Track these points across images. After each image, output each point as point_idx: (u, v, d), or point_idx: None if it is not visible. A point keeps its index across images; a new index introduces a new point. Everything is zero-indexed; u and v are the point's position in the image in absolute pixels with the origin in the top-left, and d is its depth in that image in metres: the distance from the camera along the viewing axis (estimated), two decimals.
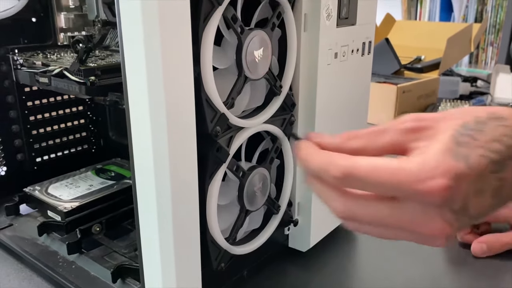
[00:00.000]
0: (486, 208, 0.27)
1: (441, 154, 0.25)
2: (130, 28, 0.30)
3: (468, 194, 0.25)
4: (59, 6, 0.61)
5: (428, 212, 0.26)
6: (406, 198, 0.26)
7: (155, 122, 0.30)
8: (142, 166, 0.32)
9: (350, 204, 0.28)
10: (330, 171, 0.27)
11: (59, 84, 0.50)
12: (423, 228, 0.26)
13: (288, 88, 0.42)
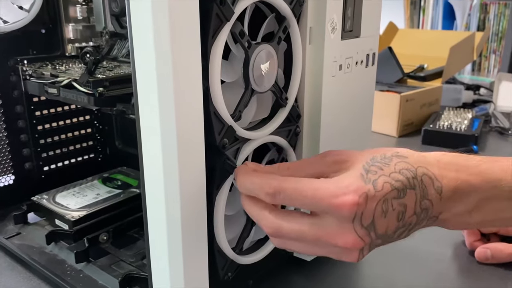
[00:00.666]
0: (393, 229, 0.32)
1: (353, 178, 0.31)
2: (141, 43, 0.30)
3: (375, 212, 0.31)
4: (67, 18, 0.62)
5: (342, 226, 0.31)
6: (324, 213, 0.31)
7: (165, 134, 0.31)
8: (152, 176, 0.33)
9: (278, 220, 0.33)
10: (263, 189, 0.32)
11: (67, 95, 0.51)
12: (338, 240, 0.31)
13: (294, 100, 0.43)
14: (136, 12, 0.30)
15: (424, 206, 0.32)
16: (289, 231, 0.32)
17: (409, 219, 0.32)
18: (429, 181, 0.32)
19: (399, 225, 0.32)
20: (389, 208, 0.31)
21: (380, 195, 0.31)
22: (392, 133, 1.01)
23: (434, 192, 0.32)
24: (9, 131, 0.60)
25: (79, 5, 0.62)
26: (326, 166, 0.35)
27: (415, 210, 0.32)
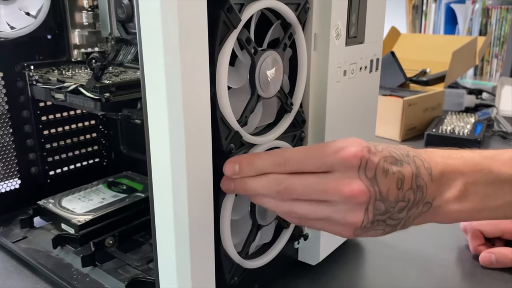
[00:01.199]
0: (394, 196, 0.33)
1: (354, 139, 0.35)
2: (151, 50, 0.31)
3: (377, 167, 0.33)
4: (73, 23, 0.63)
5: (349, 176, 0.33)
6: (332, 168, 0.34)
7: (174, 139, 0.32)
8: (160, 180, 0.34)
9: (288, 176, 0.34)
10: (274, 161, 0.35)
11: (74, 100, 0.52)
12: (345, 188, 0.33)
13: (299, 105, 0.43)
14: (146, 20, 0.31)
15: (419, 183, 0.34)
16: (297, 185, 0.34)
17: (407, 192, 0.34)
18: (420, 162, 0.35)
19: (399, 195, 0.34)
20: (389, 169, 0.34)
21: (380, 154, 0.34)
22: (395, 138, 1.02)
23: (425, 172, 0.35)
24: (15, 136, 0.60)
25: (85, 11, 0.63)
26: None
27: (411, 185, 0.34)
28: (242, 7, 0.35)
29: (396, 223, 0.35)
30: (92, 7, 0.63)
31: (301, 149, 0.36)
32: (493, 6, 1.79)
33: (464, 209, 0.35)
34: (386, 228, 0.35)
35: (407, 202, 0.34)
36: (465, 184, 0.35)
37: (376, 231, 0.35)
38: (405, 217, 0.35)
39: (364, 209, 0.33)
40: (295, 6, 0.40)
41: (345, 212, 0.34)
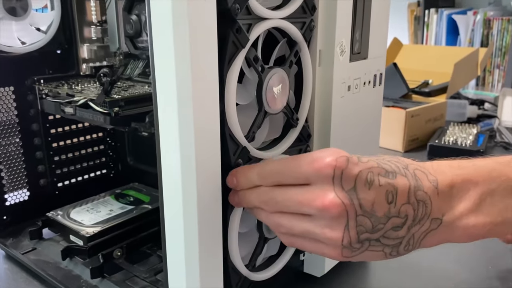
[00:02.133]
0: (383, 210, 0.31)
1: (334, 149, 0.33)
2: (163, 70, 0.32)
3: (357, 179, 0.31)
4: (82, 38, 0.64)
5: (323, 188, 0.31)
6: (308, 181, 0.32)
7: (184, 154, 0.33)
8: (170, 193, 0.35)
9: (271, 190, 0.34)
10: (262, 170, 0.35)
11: (84, 114, 0.53)
12: (317, 201, 0.31)
13: (304, 120, 0.44)
14: (159, 40, 0.32)
15: (420, 198, 0.31)
16: (278, 197, 0.33)
17: (403, 207, 0.31)
18: (422, 175, 0.32)
19: (391, 209, 0.31)
20: (375, 180, 0.31)
21: (364, 165, 0.31)
22: (398, 148, 1.02)
23: (429, 184, 0.32)
24: (25, 149, 0.61)
25: (94, 26, 0.65)
26: None
27: (409, 199, 0.31)
28: (250, 27, 0.36)
29: (396, 243, 0.32)
30: (100, 22, 0.65)
31: (281, 161, 0.34)
32: (494, 17, 1.80)
33: (482, 224, 0.32)
34: (386, 249, 0.32)
35: (403, 219, 0.31)
36: (480, 195, 0.32)
37: (373, 253, 0.32)
38: (407, 235, 0.32)
39: (343, 225, 0.31)
40: (301, 25, 0.41)
41: (324, 227, 0.32)
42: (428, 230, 0.32)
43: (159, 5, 0.31)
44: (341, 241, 0.31)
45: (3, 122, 0.59)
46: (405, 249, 0.33)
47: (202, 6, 0.31)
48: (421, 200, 0.32)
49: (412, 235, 0.32)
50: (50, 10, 0.60)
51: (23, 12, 0.57)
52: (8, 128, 0.59)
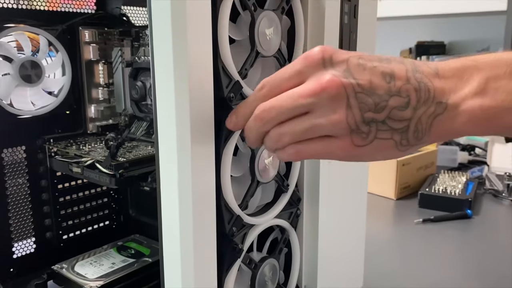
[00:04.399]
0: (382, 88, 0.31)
1: None
2: (167, 146, 0.36)
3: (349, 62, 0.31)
4: (90, 99, 0.69)
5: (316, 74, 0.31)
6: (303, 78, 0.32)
7: (183, 228, 0.36)
8: (171, 261, 0.38)
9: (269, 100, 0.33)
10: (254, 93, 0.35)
11: (90, 174, 0.57)
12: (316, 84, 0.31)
13: (294, 185, 0.48)
14: (162, 123, 0.36)
15: (419, 79, 0.31)
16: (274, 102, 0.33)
17: (404, 87, 0.31)
18: (419, 63, 0.32)
19: (392, 88, 0.31)
20: (367, 64, 0.31)
21: (353, 53, 0.32)
22: (390, 196, 1.06)
23: (428, 68, 0.31)
24: (33, 204, 0.65)
25: (101, 88, 0.69)
26: None
27: (408, 80, 0.31)
28: None
29: (404, 127, 0.31)
30: (107, 84, 0.70)
31: (275, 73, 0.34)
32: None
33: (487, 106, 0.30)
34: (395, 136, 0.31)
35: (406, 98, 0.31)
36: (484, 79, 0.30)
37: (384, 143, 0.31)
38: (413, 118, 0.31)
39: (345, 103, 0.31)
40: None
41: (326, 113, 0.31)
42: (434, 114, 0.31)
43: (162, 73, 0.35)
44: (346, 121, 0.31)
45: (14, 179, 0.63)
46: (415, 136, 0.31)
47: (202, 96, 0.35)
48: (422, 82, 0.31)
49: (418, 118, 0.31)
50: (61, 75, 0.65)
51: (37, 79, 0.61)
52: (18, 184, 0.63)
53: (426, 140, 0.32)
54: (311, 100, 0.31)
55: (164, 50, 0.35)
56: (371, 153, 0.32)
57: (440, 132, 0.31)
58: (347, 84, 0.31)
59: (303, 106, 0.32)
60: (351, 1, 0.49)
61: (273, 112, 0.33)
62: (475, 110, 0.30)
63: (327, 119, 0.31)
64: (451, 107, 0.30)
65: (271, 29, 0.42)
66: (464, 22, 2.01)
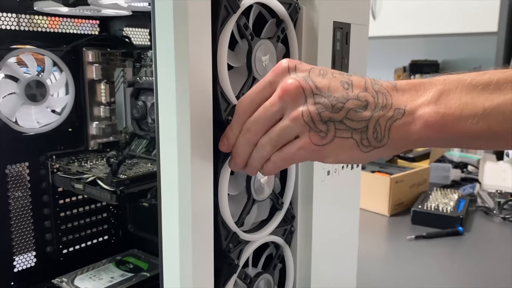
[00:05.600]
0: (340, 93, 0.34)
1: None
2: (167, 148, 0.38)
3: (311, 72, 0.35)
4: (92, 117, 0.71)
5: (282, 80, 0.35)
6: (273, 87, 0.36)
7: (183, 245, 0.38)
8: (170, 275, 0.40)
9: (247, 120, 0.37)
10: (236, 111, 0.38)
11: (92, 191, 0.59)
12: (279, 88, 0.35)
13: (289, 203, 0.50)
14: (164, 123, 0.38)
15: (377, 89, 0.34)
16: (251, 119, 0.37)
17: (361, 93, 0.34)
18: (378, 81, 0.35)
19: (349, 93, 0.34)
20: (328, 73, 0.35)
21: (317, 66, 0.36)
22: (384, 212, 1.08)
23: (387, 83, 0.35)
24: (35, 218, 0.67)
25: (103, 106, 0.72)
26: None
27: (366, 88, 0.34)
28: None
29: (363, 128, 0.34)
30: (109, 103, 0.72)
31: (251, 89, 0.38)
32: None
33: (442, 113, 0.33)
34: (355, 135, 0.34)
35: (364, 102, 0.34)
36: (438, 92, 0.33)
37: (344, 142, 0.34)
38: (371, 119, 0.34)
39: (303, 102, 0.34)
40: None
41: (289, 112, 0.35)
42: (393, 119, 0.34)
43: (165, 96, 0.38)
44: (302, 117, 0.34)
45: (17, 194, 0.65)
46: (374, 136, 0.34)
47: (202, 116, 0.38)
48: (379, 91, 0.34)
49: (377, 120, 0.34)
50: (65, 94, 0.67)
51: (42, 98, 0.64)
52: (21, 199, 0.65)
53: (388, 143, 0.34)
54: (280, 105, 0.35)
55: (167, 76, 0.37)
56: (334, 152, 0.35)
57: (399, 135, 0.34)
58: (305, 86, 0.34)
59: (274, 112, 0.36)
60: (343, 29, 0.52)
61: (253, 125, 0.37)
62: (431, 115, 0.33)
63: (289, 118, 0.35)
64: (409, 113, 0.33)
65: (267, 57, 0.44)
66: (457, 41, 2.06)
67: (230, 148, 0.39)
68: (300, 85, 0.34)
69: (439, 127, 0.33)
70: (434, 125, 0.33)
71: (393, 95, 0.34)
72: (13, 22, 0.61)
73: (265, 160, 0.38)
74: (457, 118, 0.33)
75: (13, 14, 0.61)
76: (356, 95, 0.34)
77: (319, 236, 0.53)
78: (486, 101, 0.32)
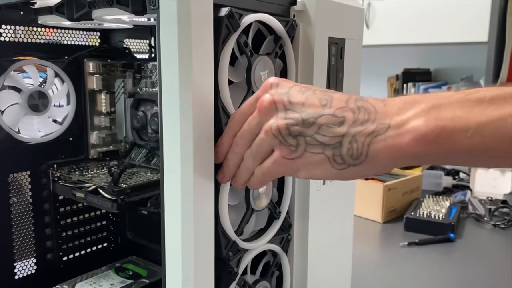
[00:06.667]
0: (316, 110, 0.34)
1: None
2: (170, 160, 0.40)
3: (291, 90, 0.36)
4: (92, 126, 0.73)
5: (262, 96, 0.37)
6: (258, 100, 0.37)
7: (185, 255, 0.40)
8: (173, 283, 0.41)
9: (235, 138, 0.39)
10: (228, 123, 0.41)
11: (93, 199, 0.60)
12: (258, 103, 0.36)
13: (286, 212, 0.52)
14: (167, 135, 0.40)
15: (360, 104, 0.33)
16: (237, 136, 0.38)
17: (340, 109, 0.33)
18: (365, 98, 0.34)
19: (325, 109, 0.34)
20: (309, 90, 0.35)
21: (301, 84, 0.37)
22: (377, 219, 1.10)
23: (375, 99, 0.34)
24: (36, 226, 0.68)
25: (103, 116, 0.73)
26: None
27: (347, 104, 0.34)
28: None
29: (336, 144, 0.33)
30: (109, 112, 0.73)
31: None
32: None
33: (432, 126, 0.31)
34: (327, 151, 0.33)
35: (340, 119, 0.33)
36: (428, 106, 0.31)
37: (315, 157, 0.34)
38: (346, 135, 0.33)
39: (273, 116, 0.35)
40: None
41: (263, 126, 0.36)
42: (374, 134, 0.32)
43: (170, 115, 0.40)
44: (270, 131, 0.35)
45: (19, 203, 0.66)
46: (349, 153, 0.33)
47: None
48: (362, 106, 0.33)
49: (353, 136, 0.33)
50: (66, 104, 0.69)
51: (44, 108, 0.65)
52: (22, 208, 0.66)
53: (367, 160, 0.33)
54: (257, 119, 0.37)
55: (171, 91, 0.39)
56: (306, 167, 0.35)
57: (383, 152, 0.32)
58: (278, 100, 0.35)
59: (254, 126, 0.37)
60: (338, 44, 0.54)
61: (239, 139, 0.38)
62: (420, 128, 0.31)
63: (262, 132, 0.36)
64: (394, 127, 0.32)
65: (266, 72, 0.46)
66: (449, 50, 2.10)
67: (221, 159, 0.41)
68: (273, 100, 0.35)
69: (430, 140, 0.31)
70: (424, 138, 0.31)
71: (379, 110, 0.33)
72: (16, 34, 0.62)
73: (250, 173, 0.39)
74: (450, 131, 0.30)
75: (17, 27, 0.62)
76: (333, 111, 0.34)
77: (315, 244, 0.55)
78: (480, 115, 0.30)
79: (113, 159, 0.71)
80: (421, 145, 0.31)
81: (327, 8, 0.51)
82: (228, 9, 0.40)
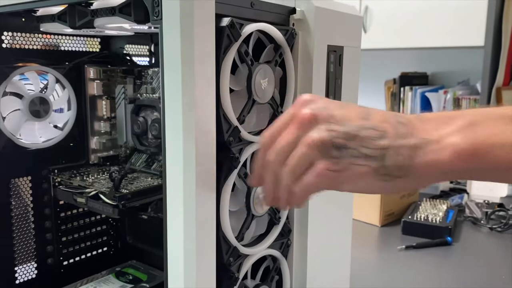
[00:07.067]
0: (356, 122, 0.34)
1: None
2: (173, 168, 0.41)
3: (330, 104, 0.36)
4: (93, 132, 0.73)
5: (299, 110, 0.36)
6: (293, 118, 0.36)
7: (187, 261, 0.40)
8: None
9: None
10: None
11: (94, 205, 0.61)
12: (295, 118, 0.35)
13: (285, 218, 0.53)
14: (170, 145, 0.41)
15: (399, 120, 0.34)
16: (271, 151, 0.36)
17: (380, 123, 0.34)
18: (401, 114, 0.35)
19: (365, 123, 0.34)
20: (347, 106, 0.35)
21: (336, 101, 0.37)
22: (375, 223, 1.11)
23: (411, 115, 0.34)
24: (36, 231, 0.68)
25: (103, 121, 0.74)
26: None
27: (385, 118, 0.34)
28: None
29: (381, 155, 0.33)
30: (109, 118, 0.74)
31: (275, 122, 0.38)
32: (462, 96, 1.97)
33: (470, 142, 0.32)
34: (372, 163, 0.33)
35: (381, 132, 0.33)
36: (466, 122, 0.32)
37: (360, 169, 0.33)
38: (391, 147, 0.33)
39: (316, 128, 0.34)
40: None
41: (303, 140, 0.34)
42: (416, 148, 0.33)
43: None
44: (312, 143, 0.34)
45: (20, 208, 0.66)
46: (394, 165, 0.33)
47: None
48: (400, 122, 0.34)
49: (397, 149, 0.33)
50: (67, 110, 0.69)
51: (45, 114, 0.66)
52: (23, 213, 0.67)
53: (412, 173, 0.33)
54: (295, 133, 0.35)
55: (174, 100, 0.40)
56: (350, 180, 0.34)
57: (425, 166, 0.32)
58: (318, 114, 0.35)
59: (292, 141, 0.35)
60: (336, 51, 0.55)
61: (273, 156, 0.36)
62: (459, 144, 0.32)
63: (303, 145, 0.34)
64: (434, 141, 0.32)
65: (266, 80, 0.47)
66: (446, 54, 2.11)
67: (258, 181, 0.39)
68: (314, 114, 0.34)
69: (469, 155, 0.31)
70: (463, 153, 0.31)
71: (417, 125, 0.33)
72: (18, 41, 0.63)
73: (288, 191, 0.37)
74: (489, 146, 0.31)
75: (19, 34, 0.63)
76: (373, 124, 0.34)
77: (314, 249, 0.55)
78: None
79: (114, 164, 0.72)
80: (461, 160, 0.32)
81: (326, 17, 0.52)
82: (229, 20, 0.41)
